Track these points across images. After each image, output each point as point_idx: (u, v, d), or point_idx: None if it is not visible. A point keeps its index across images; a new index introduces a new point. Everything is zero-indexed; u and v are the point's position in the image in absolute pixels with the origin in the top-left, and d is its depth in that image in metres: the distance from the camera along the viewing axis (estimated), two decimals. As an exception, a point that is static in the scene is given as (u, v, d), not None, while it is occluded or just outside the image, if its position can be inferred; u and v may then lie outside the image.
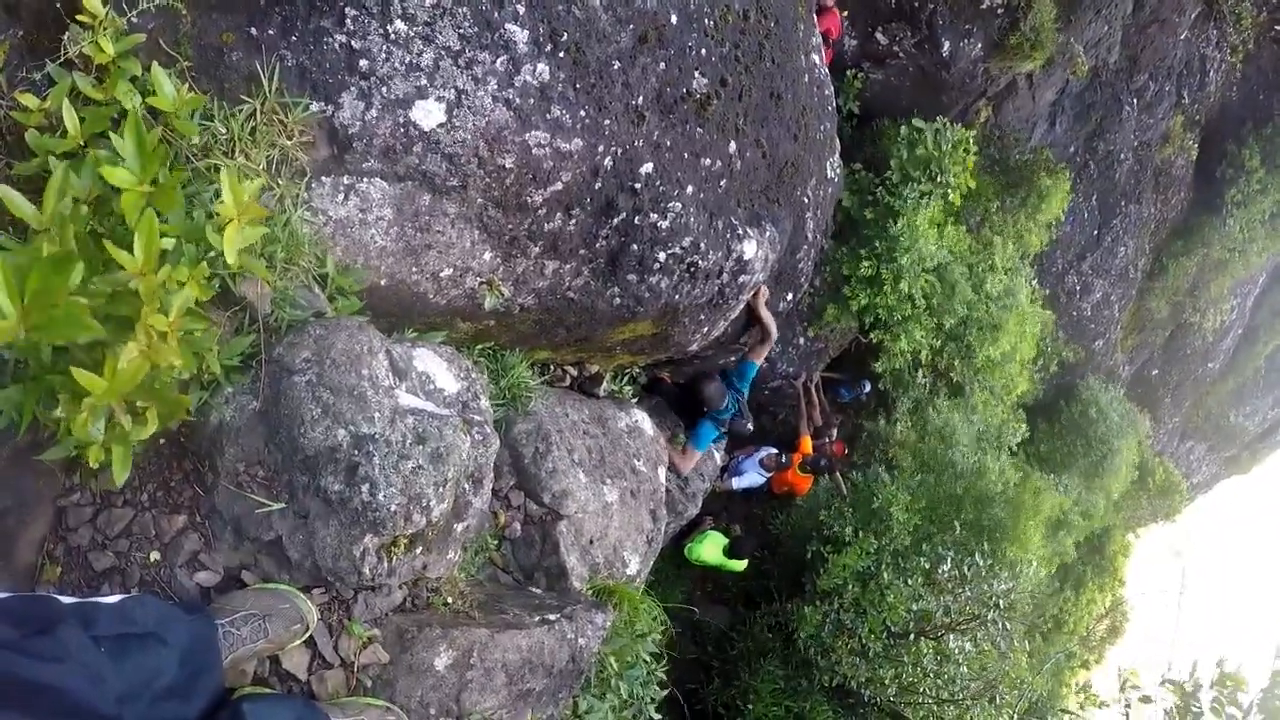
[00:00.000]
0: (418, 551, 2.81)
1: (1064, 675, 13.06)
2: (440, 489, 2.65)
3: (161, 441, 2.54)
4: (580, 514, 4.04)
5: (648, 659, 4.12)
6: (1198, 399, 16.23)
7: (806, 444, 7.62)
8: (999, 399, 8.24)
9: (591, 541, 4.12)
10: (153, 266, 1.91)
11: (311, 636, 2.61)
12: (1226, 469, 20.09)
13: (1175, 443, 16.91)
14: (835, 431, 8.10)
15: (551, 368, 4.79)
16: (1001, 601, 6.92)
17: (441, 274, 3.26)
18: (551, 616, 3.25)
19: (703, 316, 4.64)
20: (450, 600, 3.08)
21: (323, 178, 2.70)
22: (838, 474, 7.82)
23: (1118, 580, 15.42)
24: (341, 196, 2.77)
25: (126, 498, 2.51)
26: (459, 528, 3.02)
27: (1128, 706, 6.85)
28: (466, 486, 3.00)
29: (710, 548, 6.98)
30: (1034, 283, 8.68)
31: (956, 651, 6.97)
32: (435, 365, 3.13)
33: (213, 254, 2.25)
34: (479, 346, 3.97)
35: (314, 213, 2.73)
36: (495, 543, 3.85)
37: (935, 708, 7.21)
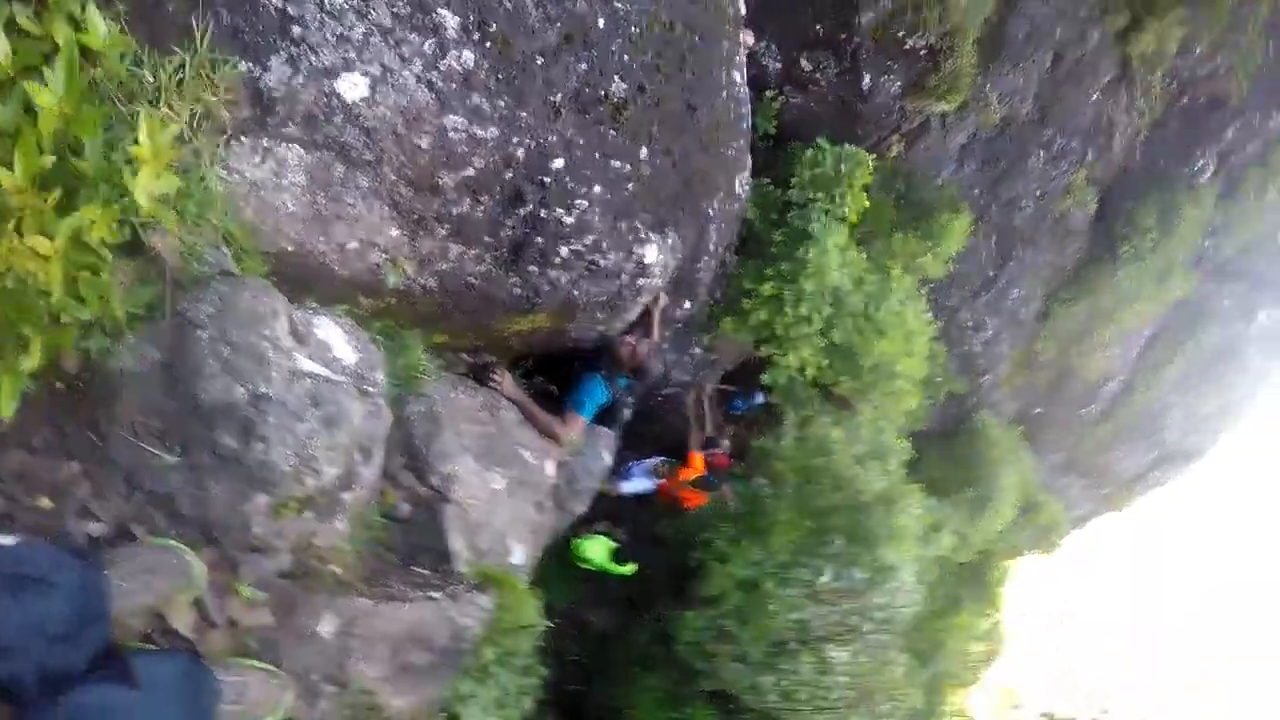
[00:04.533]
0: (307, 516, 2.92)
1: (942, 693, 13.71)
2: (332, 453, 2.78)
3: (59, 385, 2.58)
4: (467, 499, 4.16)
5: (528, 650, 4.28)
6: (1078, 439, 17.25)
7: (696, 460, 7.88)
8: (886, 416, 8.67)
9: (477, 527, 4.23)
10: (31, 184, 1.99)
11: (199, 596, 2.68)
12: (1103, 506, 21.33)
13: (1056, 477, 17.93)
14: (726, 443, 8.39)
15: (447, 353, 4.91)
16: (878, 614, 7.31)
17: (348, 246, 3.37)
18: (435, 594, 3.39)
19: (600, 315, 4.84)
20: (336, 570, 3.18)
21: (242, 137, 2.79)
22: (724, 487, 8.07)
23: (995, 606, 16.24)
24: (258, 158, 2.87)
25: (19, 440, 2.54)
26: (347, 497, 3.13)
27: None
28: (357, 457, 3.11)
29: (596, 548, 7.15)
30: (929, 314, 9.16)
31: (835, 661, 7.32)
32: (334, 334, 3.25)
33: (125, 200, 2.34)
34: (378, 324, 4.06)
35: (229, 171, 2.82)
36: (382, 521, 3.93)
37: (814, 716, 7.55)
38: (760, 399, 8.64)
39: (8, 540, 2.22)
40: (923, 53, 8.18)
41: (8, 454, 2.50)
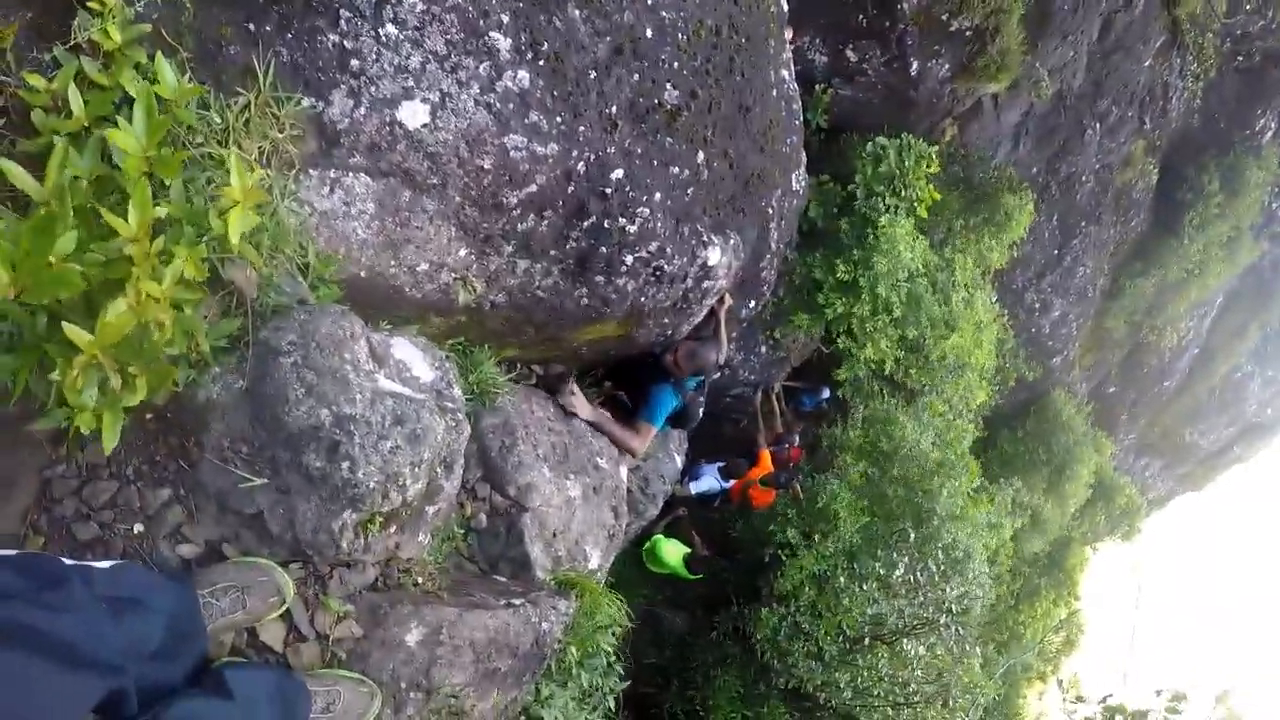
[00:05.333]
0: (392, 530, 2.98)
1: (1019, 685, 13.44)
2: (416, 469, 2.83)
3: (149, 418, 2.68)
4: (544, 507, 4.21)
5: (608, 650, 4.31)
6: (1153, 417, 16.77)
7: (766, 458, 7.85)
8: (956, 410, 8.55)
9: (554, 535, 4.29)
10: (146, 233, 2.06)
11: (288, 610, 2.75)
12: (1181, 485, 20.72)
13: (1131, 459, 17.45)
14: (796, 438, 8.35)
15: (518, 366, 4.97)
16: (955, 606, 7.20)
17: (418, 268, 3.42)
18: (516, 601, 3.43)
19: (667, 320, 4.85)
20: (420, 581, 3.24)
21: (310, 170, 2.86)
22: (794, 484, 8.04)
23: (1073, 594, 15.89)
24: (327, 189, 2.94)
25: (112, 470, 2.64)
26: (430, 511, 3.19)
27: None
28: (439, 471, 3.17)
29: (672, 550, 7.19)
30: (994, 300, 9.01)
31: (911, 655, 7.23)
32: (411, 354, 3.32)
33: (207, 238, 2.41)
34: (450, 342, 4.13)
35: (300, 204, 2.88)
36: (462, 532, 4.01)
37: (889, 711, 7.46)
38: (827, 394, 8.61)
39: (103, 564, 2.29)
40: (968, 34, 8.05)
41: (101, 484, 2.60)
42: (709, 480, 7.74)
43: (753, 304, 5.92)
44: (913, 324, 7.56)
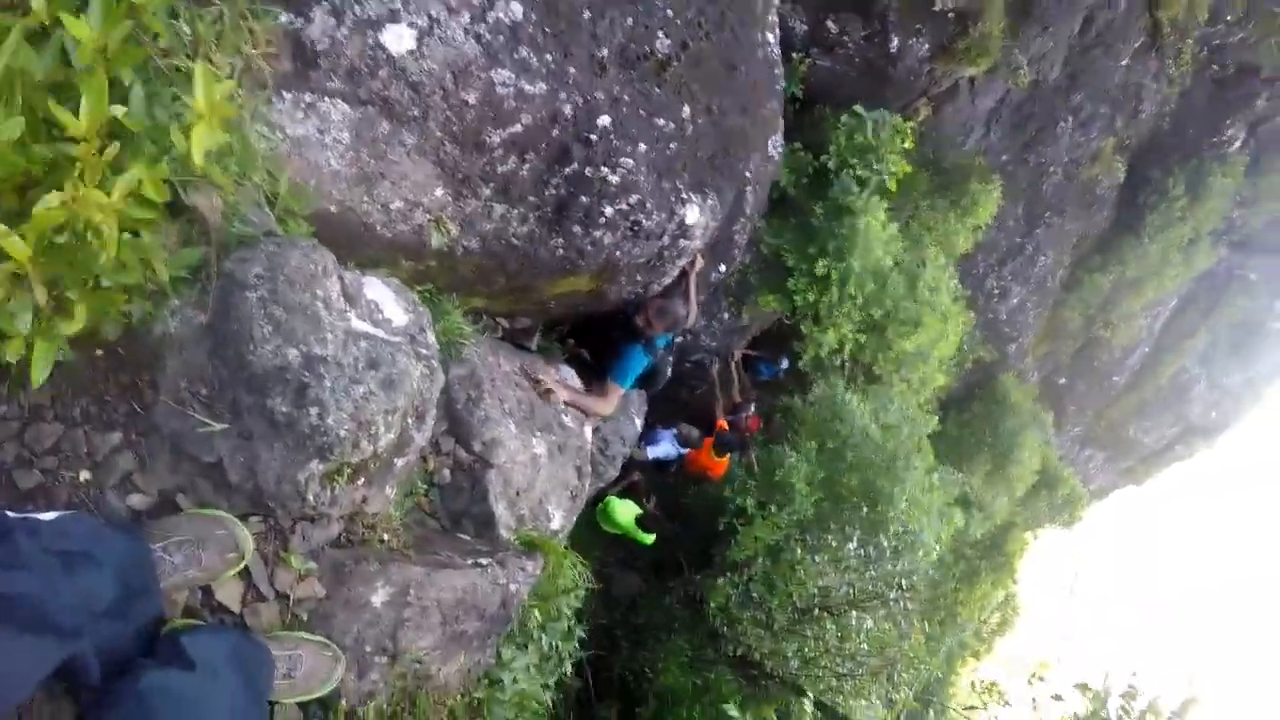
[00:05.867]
0: (360, 483, 2.84)
1: (955, 663, 13.71)
2: (390, 417, 2.69)
3: (99, 354, 2.49)
4: (509, 464, 4.10)
5: (569, 614, 4.24)
6: (1100, 410, 17.13)
7: (721, 424, 7.82)
8: (915, 391, 8.60)
9: (518, 493, 4.18)
10: (97, 134, 1.88)
11: (247, 567, 2.59)
12: (1123, 479, 21.26)
13: (1076, 449, 17.82)
14: (752, 407, 8.32)
15: (484, 318, 4.83)
16: (903, 582, 7.27)
17: (392, 206, 3.26)
18: (484, 561, 3.32)
19: (639, 277, 4.75)
20: (386, 538, 3.11)
21: (284, 93, 2.69)
22: (750, 453, 8.03)
23: (1012, 577, 16.22)
24: (301, 114, 2.77)
25: (57, 412, 2.45)
26: (399, 463, 3.06)
27: (1035, 701, 7.27)
28: (411, 421, 3.04)
29: (624, 510, 7.10)
30: (956, 283, 9.04)
31: (857, 628, 7.30)
32: (383, 295, 3.15)
33: (169, 158, 2.24)
34: (417, 288, 4.01)
35: (271, 128, 2.71)
36: (424, 487, 3.89)
37: (834, 681, 7.54)
38: (786, 364, 8.57)
39: (48, 516, 2.13)
40: (951, 15, 8.01)
41: (44, 426, 2.40)
42: (666, 446, 7.67)
43: (723, 268, 5.83)
44: (876, 306, 7.55)
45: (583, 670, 7.55)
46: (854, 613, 7.32)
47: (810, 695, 6.94)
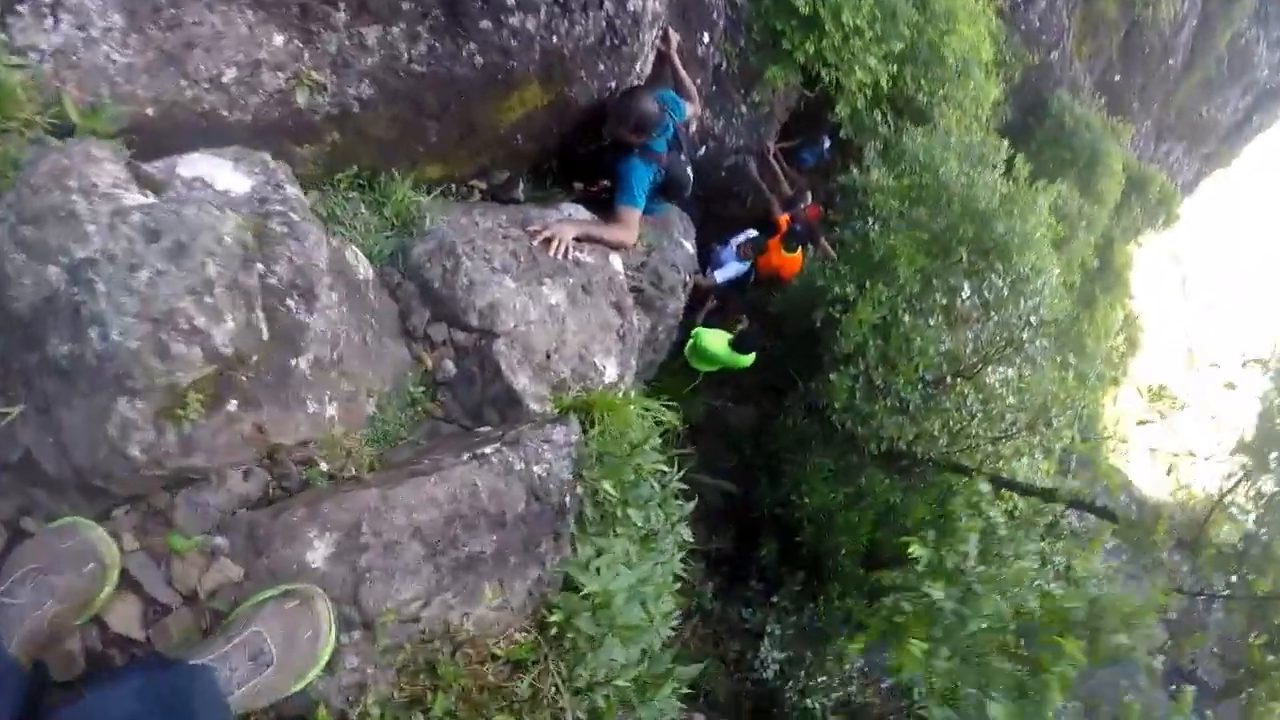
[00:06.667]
0: (232, 407, 1.78)
1: (1099, 395, 12.22)
2: (206, 297, 1.61)
3: None
4: (520, 326, 3.02)
5: (656, 471, 3.15)
6: (1166, 98, 14.73)
7: (783, 221, 6.46)
8: (971, 115, 6.99)
9: (548, 355, 3.10)
10: None
11: (131, 576, 1.68)
12: (1208, 166, 18.64)
13: (1153, 147, 15.51)
14: (809, 196, 6.88)
15: (455, 188, 3.67)
16: (1033, 319, 5.87)
17: (224, 79, 2.26)
18: (487, 449, 2.23)
19: (603, 67, 3.50)
20: (331, 467, 2.06)
21: (16, 7, 1.82)
22: (822, 242, 6.67)
23: (1127, 292, 14.42)
24: (48, 22, 1.86)
25: None
26: (301, 364, 1.98)
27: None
28: (291, 303, 1.95)
29: (713, 339, 5.89)
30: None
31: (1000, 384, 5.99)
32: (214, 167, 2.11)
33: None
34: (341, 176, 2.92)
35: (20, 54, 1.84)
36: (425, 390, 2.83)
37: (990, 448, 6.30)
38: (828, 143, 7.04)
39: None
40: None
41: None
42: (732, 264, 6.37)
43: (706, 38, 4.45)
44: (895, 37, 5.95)
45: (720, 523, 6.55)
46: (989, 369, 5.99)
47: (976, 472, 5.70)
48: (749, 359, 6.00)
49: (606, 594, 2.31)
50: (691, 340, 5.90)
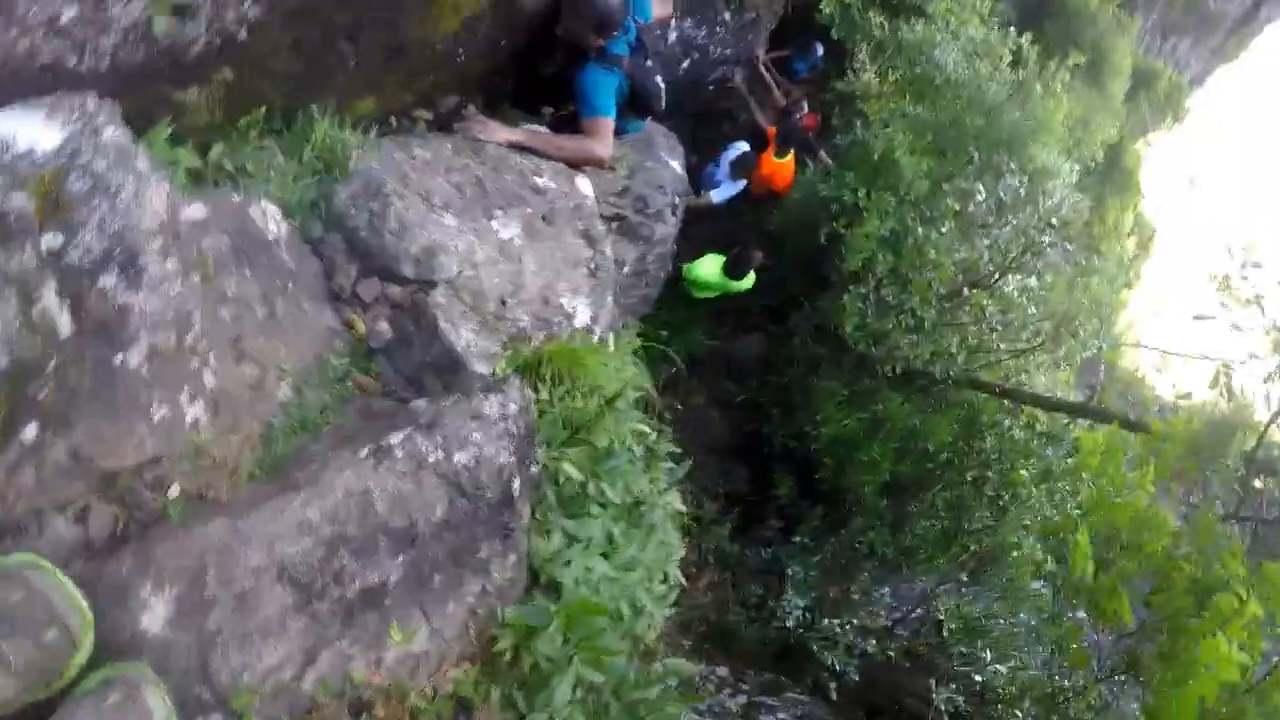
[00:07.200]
0: (30, 434, 1.24)
1: (1117, 300, 11.38)
2: None
3: None
4: (467, 270, 2.39)
5: (637, 431, 2.57)
6: (1169, -11, 13.33)
7: (772, 133, 5.66)
8: (970, 8, 6.06)
9: (503, 301, 2.47)
10: None
11: None
12: (1215, 60, 17.11)
13: (1159, 42, 14.18)
14: (804, 106, 6.05)
15: (394, 122, 2.99)
16: (1054, 220, 5.07)
17: (63, 19, 1.60)
18: (393, 438, 1.63)
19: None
20: (188, 487, 1.45)
21: None
22: (820, 153, 5.91)
23: (1138, 192, 13.34)
24: None
25: None
26: (130, 359, 1.39)
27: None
28: (107, 281, 1.36)
29: (708, 265, 5.17)
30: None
31: (1018, 292, 5.24)
32: (18, 123, 1.45)
33: None
34: (246, 121, 2.25)
35: None
36: (355, 361, 2.22)
37: (1013, 362, 5.58)
38: (820, 50, 6.16)
39: None
40: None
41: None
42: (727, 184, 5.59)
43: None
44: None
45: (731, 459, 5.94)
46: (1008, 276, 5.23)
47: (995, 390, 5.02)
48: (747, 282, 5.28)
49: (583, 603, 1.75)
50: (684, 272, 5.20)
